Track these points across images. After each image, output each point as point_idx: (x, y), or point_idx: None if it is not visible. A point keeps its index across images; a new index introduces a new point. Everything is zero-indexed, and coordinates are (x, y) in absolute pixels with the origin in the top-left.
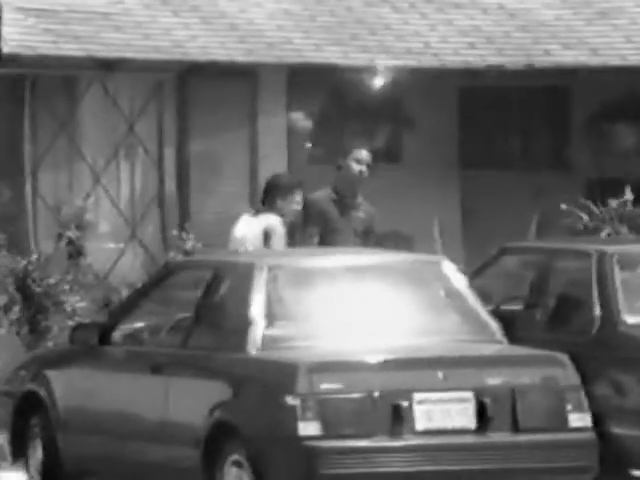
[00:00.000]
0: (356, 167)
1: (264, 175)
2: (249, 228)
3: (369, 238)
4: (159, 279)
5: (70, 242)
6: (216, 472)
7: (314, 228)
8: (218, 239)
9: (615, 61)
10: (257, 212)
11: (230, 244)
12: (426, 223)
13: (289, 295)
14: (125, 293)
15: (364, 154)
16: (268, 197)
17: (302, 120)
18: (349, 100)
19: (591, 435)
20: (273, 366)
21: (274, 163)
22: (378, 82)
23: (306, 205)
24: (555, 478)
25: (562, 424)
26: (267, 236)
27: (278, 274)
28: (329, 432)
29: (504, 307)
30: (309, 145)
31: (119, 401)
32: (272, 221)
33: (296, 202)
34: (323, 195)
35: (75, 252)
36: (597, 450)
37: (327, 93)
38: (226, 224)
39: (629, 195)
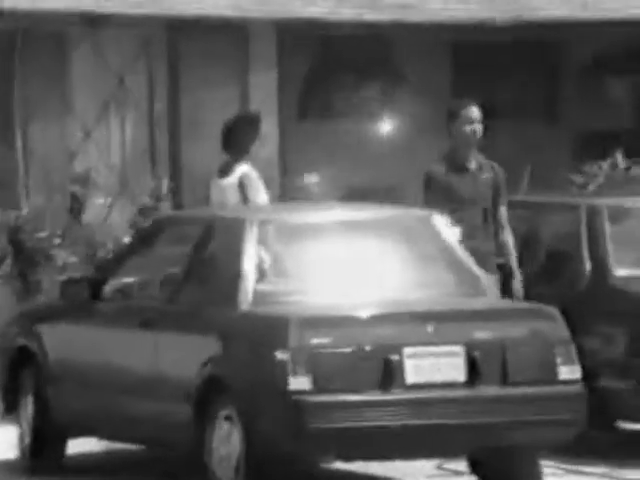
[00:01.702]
0: (469, 128)
1: None
2: (226, 183)
3: (499, 197)
4: (148, 234)
5: (74, 198)
6: (207, 426)
7: (437, 202)
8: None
9: (605, 14)
10: (227, 164)
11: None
12: (416, 177)
13: (279, 250)
14: (113, 248)
15: (474, 111)
16: (239, 142)
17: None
18: (339, 55)
19: (580, 388)
20: (264, 321)
21: (264, 118)
22: None
23: (426, 179)
24: (544, 431)
25: (552, 377)
26: (243, 186)
27: (269, 229)
28: (319, 387)
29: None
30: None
31: (110, 356)
32: (245, 169)
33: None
34: (441, 166)
35: (76, 207)
36: (586, 403)
37: (317, 48)
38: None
39: (620, 159)
